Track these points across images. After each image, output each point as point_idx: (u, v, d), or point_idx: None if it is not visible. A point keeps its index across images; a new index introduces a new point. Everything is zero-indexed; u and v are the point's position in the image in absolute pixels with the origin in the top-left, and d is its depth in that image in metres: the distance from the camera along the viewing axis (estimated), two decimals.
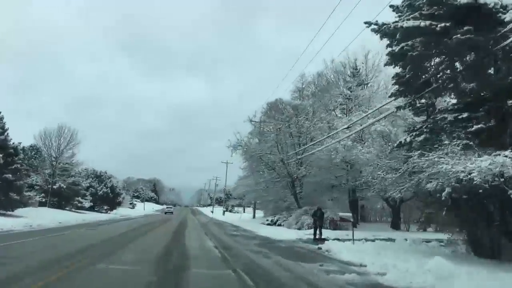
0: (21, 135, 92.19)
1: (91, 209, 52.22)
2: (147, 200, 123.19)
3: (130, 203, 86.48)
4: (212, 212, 77.78)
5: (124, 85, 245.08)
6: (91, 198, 49.56)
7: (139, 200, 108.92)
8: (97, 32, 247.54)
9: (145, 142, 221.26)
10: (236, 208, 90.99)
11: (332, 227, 24.25)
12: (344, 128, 21.91)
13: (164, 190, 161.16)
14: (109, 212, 55.58)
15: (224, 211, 74.92)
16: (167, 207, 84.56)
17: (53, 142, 42.31)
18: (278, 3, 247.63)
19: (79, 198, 46.05)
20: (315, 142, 23.63)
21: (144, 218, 44.68)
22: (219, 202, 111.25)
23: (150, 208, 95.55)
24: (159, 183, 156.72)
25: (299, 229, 24.95)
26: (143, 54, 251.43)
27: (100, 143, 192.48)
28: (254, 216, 48.30)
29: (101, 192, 55.50)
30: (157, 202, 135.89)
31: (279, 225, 30.82)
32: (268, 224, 31.58)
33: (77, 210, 47.23)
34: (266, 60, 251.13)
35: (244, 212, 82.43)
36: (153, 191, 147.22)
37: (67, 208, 46.28)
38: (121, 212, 59.47)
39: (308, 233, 21.89)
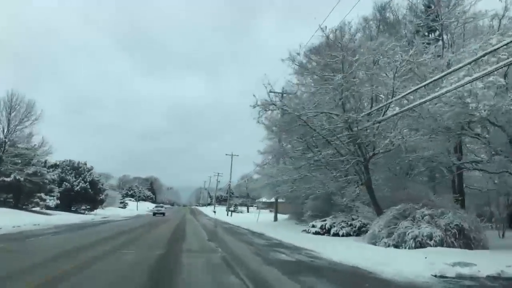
0: None
1: (65, 208, 40.72)
2: (143, 199, 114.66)
3: (121, 202, 75.86)
4: (214, 212, 67.55)
5: (123, 84, 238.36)
6: (58, 194, 37.40)
7: (133, 199, 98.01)
8: (96, 32, 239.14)
9: (144, 142, 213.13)
10: (239, 208, 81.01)
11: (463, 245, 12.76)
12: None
13: (162, 189, 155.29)
14: (87, 212, 43.91)
15: (231, 212, 63.65)
16: (156, 206, 63.36)
17: (1, 115, 30.11)
18: (278, 1, 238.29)
19: (41, 195, 34.11)
20: (429, 81, 12.11)
21: (129, 221, 33.50)
22: (219, 201, 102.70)
23: (144, 207, 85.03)
24: (156, 181, 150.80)
25: (396, 246, 13.36)
26: (143, 53, 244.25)
27: (99, 142, 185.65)
28: (275, 218, 36.43)
29: (78, 188, 43.95)
30: (154, 201, 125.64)
31: (336, 234, 19.16)
32: (316, 233, 19.92)
33: (45, 211, 35.89)
34: (266, 59, 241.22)
35: (248, 211, 72.57)
36: (150, 190, 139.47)
37: (33, 208, 34.99)
38: (106, 212, 48.29)
39: (439, 260, 10.26)
